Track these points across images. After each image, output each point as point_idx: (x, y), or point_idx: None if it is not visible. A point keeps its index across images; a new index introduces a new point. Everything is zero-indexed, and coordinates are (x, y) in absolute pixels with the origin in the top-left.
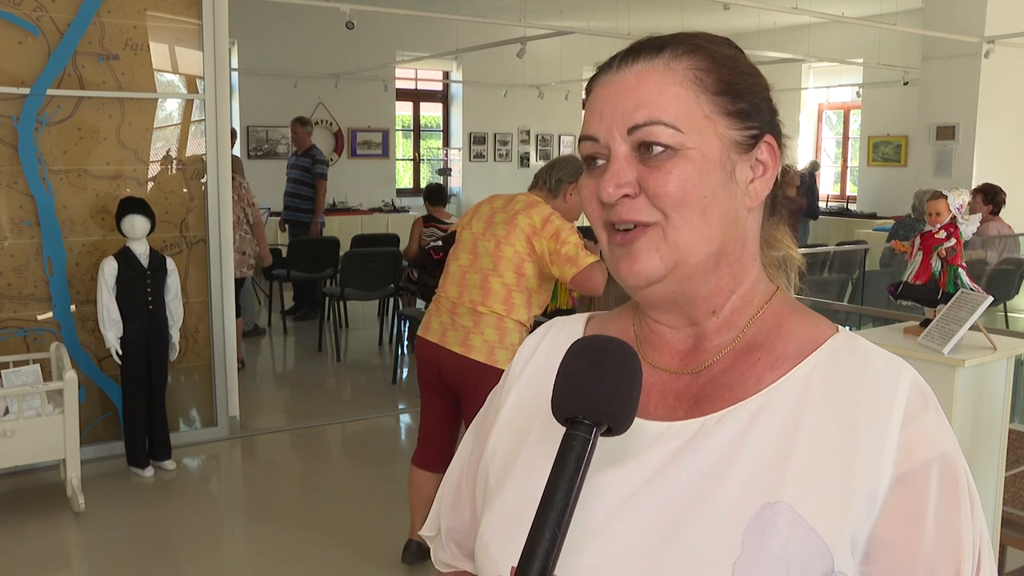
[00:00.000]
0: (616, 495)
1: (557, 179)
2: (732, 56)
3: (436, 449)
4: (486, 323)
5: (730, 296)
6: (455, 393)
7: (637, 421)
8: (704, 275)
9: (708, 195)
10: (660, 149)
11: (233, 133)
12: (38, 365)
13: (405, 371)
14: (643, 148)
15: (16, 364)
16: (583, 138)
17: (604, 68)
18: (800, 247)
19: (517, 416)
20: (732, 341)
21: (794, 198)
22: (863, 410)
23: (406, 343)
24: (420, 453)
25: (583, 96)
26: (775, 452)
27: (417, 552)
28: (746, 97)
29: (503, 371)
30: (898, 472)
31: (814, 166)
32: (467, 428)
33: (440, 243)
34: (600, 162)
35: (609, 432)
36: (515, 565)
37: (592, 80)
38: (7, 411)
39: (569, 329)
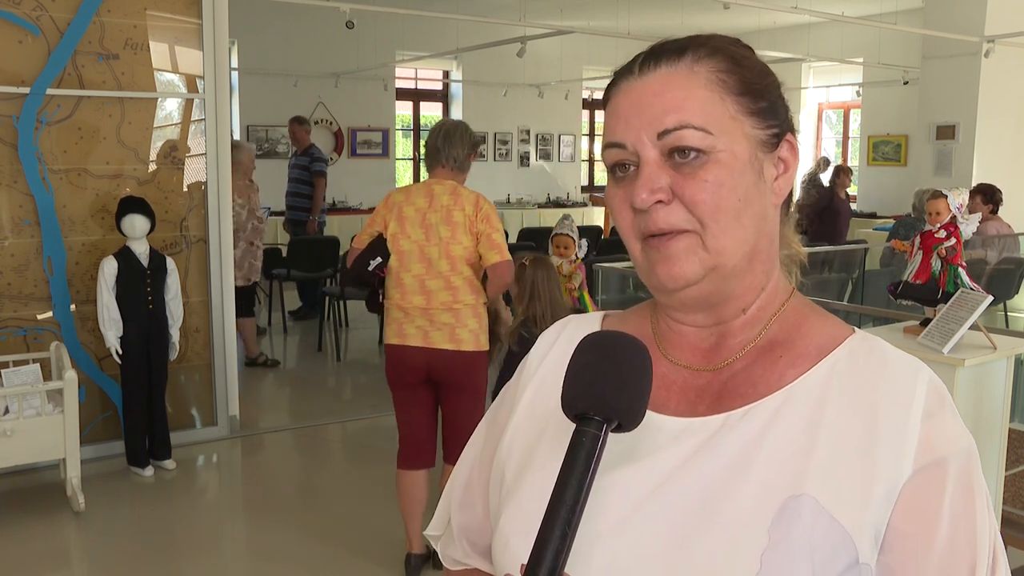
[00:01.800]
0: (638, 491)
1: (464, 154)
2: (748, 56)
3: (423, 446)
4: (466, 315)
5: (760, 293)
6: (443, 387)
7: (659, 417)
8: (740, 275)
9: (742, 198)
10: (692, 154)
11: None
12: (38, 365)
13: None
14: (674, 153)
15: (16, 364)
16: (609, 145)
17: (623, 73)
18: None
19: (533, 413)
20: (755, 338)
21: (844, 200)
22: (883, 407)
23: None
24: (406, 455)
25: (583, 96)
26: (797, 447)
27: (418, 566)
28: (765, 96)
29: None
30: (917, 466)
31: (826, 163)
32: (444, 417)
33: (380, 260)
34: (630, 168)
35: (620, 428)
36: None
37: (611, 86)
38: (7, 411)
39: (585, 327)
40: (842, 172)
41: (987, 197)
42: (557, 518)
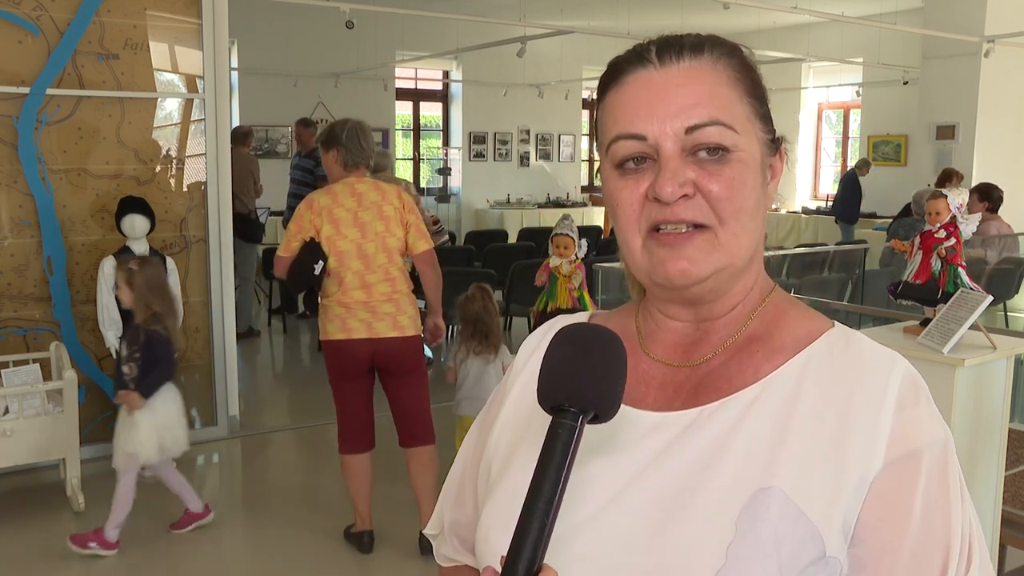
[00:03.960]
0: (611, 485)
1: (371, 154)
2: (753, 61)
3: (366, 431)
4: (404, 303)
5: (748, 293)
6: (389, 375)
7: (635, 412)
8: (740, 275)
9: (756, 198)
10: (718, 151)
11: (251, 132)
12: (38, 365)
13: None
14: (698, 149)
15: (16, 364)
16: (624, 136)
17: (636, 62)
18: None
19: (518, 411)
20: (735, 334)
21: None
22: (857, 399)
23: None
24: (350, 441)
25: (583, 95)
26: (769, 439)
27: (370, 542)
28: (766, 102)
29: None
30: (888, 459)
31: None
32: (393, 404)
33: (322, 263)
34: (645, 161)
35: (596, 419)
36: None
37: (618, 75)
38: (7, 411)
39: None
40: (955, 175)
41: (983, 195)
42: (536, 510)
